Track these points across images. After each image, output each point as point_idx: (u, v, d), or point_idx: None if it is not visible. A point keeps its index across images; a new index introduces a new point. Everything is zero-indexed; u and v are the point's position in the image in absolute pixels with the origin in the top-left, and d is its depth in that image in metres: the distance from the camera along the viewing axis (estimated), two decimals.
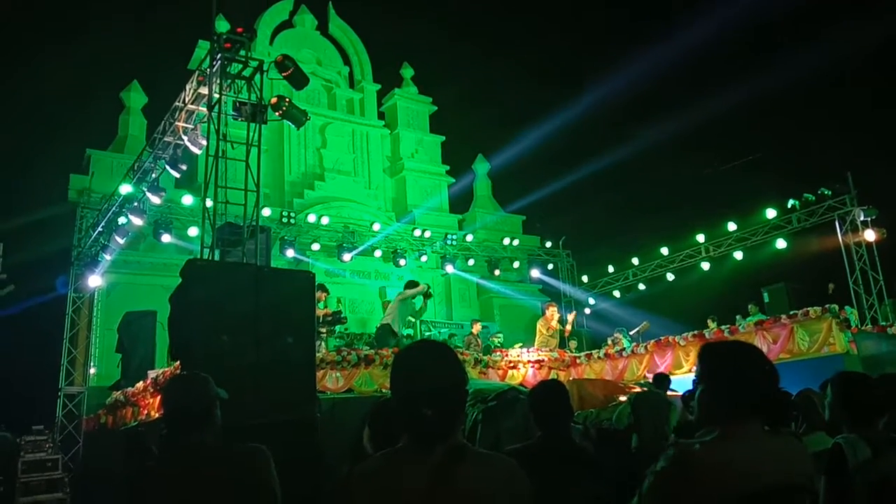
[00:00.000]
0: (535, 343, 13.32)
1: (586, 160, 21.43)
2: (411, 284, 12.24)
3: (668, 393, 8.68)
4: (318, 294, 10.23)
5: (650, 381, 9.42)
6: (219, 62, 9.56)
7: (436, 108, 22.47)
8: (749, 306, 14.73)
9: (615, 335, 14.14)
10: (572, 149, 23.65)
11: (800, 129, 21.70)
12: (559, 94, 23.33)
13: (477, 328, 14.88)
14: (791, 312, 10.17)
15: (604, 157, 21.31)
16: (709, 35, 19.55)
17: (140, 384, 10.56)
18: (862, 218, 14.60)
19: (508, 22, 32.78)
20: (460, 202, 22.52)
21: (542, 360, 12.52)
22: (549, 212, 22.63)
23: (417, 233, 18.62)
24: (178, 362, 7.60)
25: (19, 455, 11.21)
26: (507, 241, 20.01)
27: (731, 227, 16.96)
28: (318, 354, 8.90)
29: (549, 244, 21.35)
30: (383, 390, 9.29)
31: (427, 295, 12.35)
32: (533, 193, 22.17)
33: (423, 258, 19.00)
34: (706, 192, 20.97)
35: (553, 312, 13.57)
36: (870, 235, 14.53)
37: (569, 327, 14.16)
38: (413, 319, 13.99)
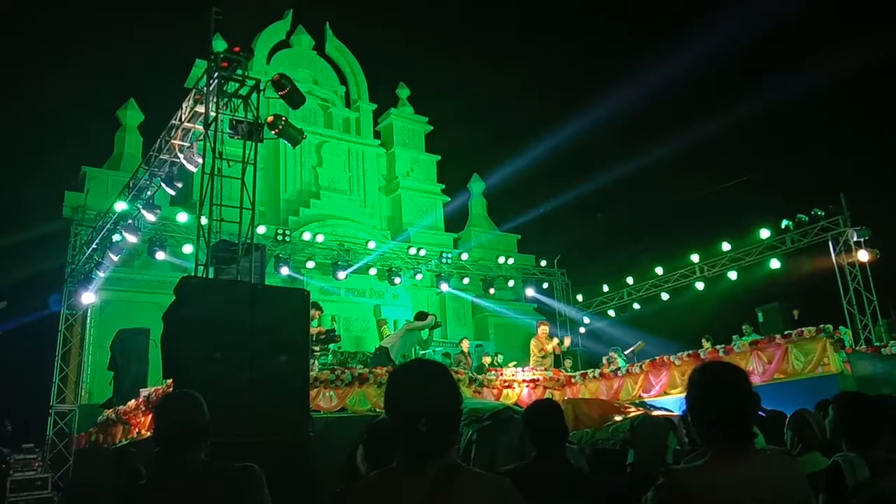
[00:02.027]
0: (530, 363, 13.28)
1: (581, 180, 21.55)
2: (421, 316, 12.29)
3: (667, 413, 8.64)
4: (312, 312, 10.18)
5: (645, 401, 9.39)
6: (216, 81, 9.61)
7: (431, 127, 22.57)
8: (743, 326, 14.72)
9: (610, 354, 14.12)
10: (567, 169, 23.79)
11: (793, 150, 21.88)
12: (555, 115, 23.48)
13: (466, 346, 14.83)
14: (785, 332, 10.17)
15: (598, 176, 21.41)
16: (703, 56, 19.74)
17: (132, 402, 10.51)
18: (855, 238, 14.68)
19: (505, 43, 33.06)
20: (455, 221, 22.58)
21: (538, 380, 12.48)
22: (544, 231, 22.70)
23: (412, 251, 18.63)
24: (170, 380, 7.55)
25: (9, 474, 11.08)
26: (501, 259, 20.01)
27: (726, 247, 17.00)
28: (311, 373, 8.85)
29: (543, 263, 21.39)
30: (377, 410, 9.24)
31: (434, 326, 12.45)
32: (528, 212, 22.26)
33: (418, 276, 19.00)
34: (700, 212, 21.07)
35: (544, 331, 13.53)
36: (863, 256, 14.61)
37: (563, 347, 14.11)
38: (421, 350, 13.96)
